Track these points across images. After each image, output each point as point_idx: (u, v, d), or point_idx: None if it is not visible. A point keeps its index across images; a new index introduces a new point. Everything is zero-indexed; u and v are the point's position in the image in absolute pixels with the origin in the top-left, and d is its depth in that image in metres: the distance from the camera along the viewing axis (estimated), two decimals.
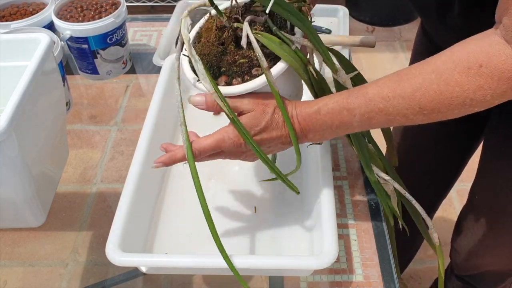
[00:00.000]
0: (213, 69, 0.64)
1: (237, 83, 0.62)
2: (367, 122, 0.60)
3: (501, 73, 0.51)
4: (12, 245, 0.81)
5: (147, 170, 0.78)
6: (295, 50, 0.62)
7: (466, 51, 0.54)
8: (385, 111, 0.58)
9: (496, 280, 1.07)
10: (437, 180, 1.13)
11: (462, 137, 1.02)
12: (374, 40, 1.13)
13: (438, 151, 1.06)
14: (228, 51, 0.63)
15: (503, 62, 0.51)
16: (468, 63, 0.53)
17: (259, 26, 0.63)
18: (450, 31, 0.77)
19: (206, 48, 0.65)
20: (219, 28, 0.64)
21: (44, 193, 0.78)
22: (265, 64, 0.60)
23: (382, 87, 0.58)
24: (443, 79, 0.54)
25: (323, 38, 1.12)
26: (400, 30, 2.64)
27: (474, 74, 0.52)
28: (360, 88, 0.60)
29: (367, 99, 0.58)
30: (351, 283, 0.73)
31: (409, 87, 0.56)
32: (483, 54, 0.52)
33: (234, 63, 0.63)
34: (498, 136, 0.85)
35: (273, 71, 0.61)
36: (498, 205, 0.88)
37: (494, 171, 0.87)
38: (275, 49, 0.61)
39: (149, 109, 0.86)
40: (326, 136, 0.63)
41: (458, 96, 0.54)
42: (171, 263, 0.67)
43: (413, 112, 0.57)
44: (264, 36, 0.61)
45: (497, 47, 0.52)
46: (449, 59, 0.55)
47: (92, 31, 1.04)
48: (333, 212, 0.70)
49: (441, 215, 1.69)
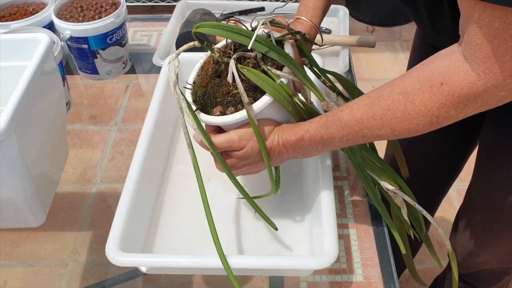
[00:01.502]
0: (210, 100, 0.68)
1: (230, 113, 0.66)
2: (346, 143, 0.64)
3: (460, 90, 0.53)
4: (12, 245, 0.81)
5: (147, 170, 0.78)
6: (280, 84, 0.65)
7: (429, 70, 0.56)
8: (360, 133, 0.62)
9: (494, 279, 1.07)
10: (437, 179, 1.13)
11: (460, 136, 1.02)
12: (374, 40, 1.13)
13: (437, 150, 1.06)
14: (224, 83, 0.67)
15: (462, 78, 0.53)
16: (431, 82, 0.55)
17: (252, 60, 0.66)
18: (443, 35, 0.77)
19: (204, 80, 0.70)
20: (216, 62, 0.69)
21: (44, 193, 0.78)
22: (246, 100, 0.64)
23: (355, 111, 0.61)
24: (410, 99, 0.56)
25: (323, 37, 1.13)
26: (400, 30, 2.64)
27: (436, 92, 0.54)
28: (336, 112, 0.64)
29: (343, 124, 0.62)
30: (351, 283, 0.73)
31: (379, 109, 0.59)
32: (444, 72, 0.54)
33: (228, 93, 0.67)
34: (493, 134, 0.85)
35: (258, 104, 0.65)
36: (493, 203, 0.88)
37: (489, 169, 0.87)
38: (259, 83, 0.65)
39: (149, 109, 0.86)
40: (313, 154, 0.69)
41: (424, 115, 0.56)
42: (171, 263, 0.67)
43: (386, 133, 0.60)
44: (249, 71, 0.65)
45: (456, 64, 0.53)
46: (415, 80, 0.57)
47: (92, 31, 1.04)
48: (333, 212, 0.70)
49: (441, 215, 1.69)
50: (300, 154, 0.68)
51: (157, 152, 0.84)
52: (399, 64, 2.41)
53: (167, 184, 0.86)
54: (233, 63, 0.64)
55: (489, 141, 0.87)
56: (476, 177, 0.93)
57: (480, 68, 0.51)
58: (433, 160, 1.08)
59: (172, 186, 0.86)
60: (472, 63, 0.52)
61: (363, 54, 2.44)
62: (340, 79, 0.80)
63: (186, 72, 0.77)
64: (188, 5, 1.30)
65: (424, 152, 1.06)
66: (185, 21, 1.14)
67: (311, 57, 0.76)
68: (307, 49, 0.75)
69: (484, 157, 0.89)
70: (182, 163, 0.90)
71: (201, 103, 0.69)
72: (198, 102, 0.69)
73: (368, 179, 0.72)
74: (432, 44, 0.84)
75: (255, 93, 0.66)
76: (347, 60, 1.11)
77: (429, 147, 1.05)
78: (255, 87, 0.66)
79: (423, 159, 1.08)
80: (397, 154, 0.86)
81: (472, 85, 0.52)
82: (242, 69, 0.64)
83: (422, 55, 0.60)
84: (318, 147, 0.66)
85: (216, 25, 0.63)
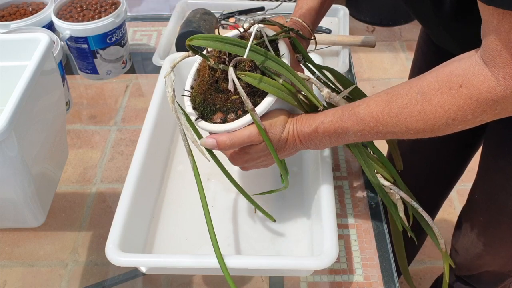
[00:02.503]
0: (210, 107, 0.68)
1: (232, 119, 0.66)
2: (361, 138, 0.64)
3: (479, 94, 0.52)
4: (12, 245, 0.81)
5: (147, 170, 0.78)
6: (283, 83, 0.65)
7: (449, 72, 0.55)
8: (375, 130, 0.61)
9: (496, 281, 1.07)
10: (439, 180, 1.13)
11: (463, 137, 1.02)
12: (374, 40, 1.13)
13: (439, 151, 1.05)
14: (222, 89, 0.67)
15: (481, 82, 0.52)
16: (450, 83, 0.54)
17: (248, 63, 0.66)
18: (447, 35, 0.77)
19: (202, 87, 0.69)
20: (211, 68, 0.68)
21: (43, 193, 0.78)
22: (250, 106, 0.64)
23: (372, 107, 0.61)
24: (427, 99, 0.56)
25: (323, 37, 1.13)
26: (400, 30, 2.63)
27: (454, 94, 0.54)
28: (352, 106, 0.63)
29: (358, 118, 0.62)
30: (351, 283, 0.73)
31: (396, 107, 0.59)
32: (463, 74, 0.54)
33: (227, 100, 0.67)
34: (497, 135, 0.85)
35: (261, 107, 0.65)
36: (496, 204, 0.88)
37: (493, 170, 0.87)
38: (261, 86, 0.64)
39: (149, 109, 0.85)
40: (326, 146, 0.69)
41: (441, 117, 0.56)
42: (170, 263, 0.66)
43: (401, 131, 0.60)
44: (248, 75, 0.64)
45: (476, 68, 0.53)
46: (434, 80, 0.56)
47: (91, 31, 1.04)
48: (333, 212, 0.70)
49: (441, 215, 1.69)
50: (313, 145, 0.68)
51: (157, 152, 0.84)
52: (399, 64, 2.41)
53: (167, 184, 0.86)
54: (232, 71, 0.64)
55: (493, 143, 0.87)
56: (479, 179, 0.92)
57: (500, 74, 0.51)
58: (435, 162, 1.08)
59: (172, 186, 0.86)
60: (492, 68, 0.51)
61: (363, 54, 2.44)
62: (334, 73, 0.79)
63: (185, 72, 0.77)
64: (188, 5, 1.30)
65: (426, 154, 1.06)
66: (185, 20, 1.14)
67: (305, 53, 0.75)
68: (301, 45, 0.74)
69: (488, 159, 0.89)
70: (182, 163, 0.89)
71: (201, 110, 0.69)
72: (198, 109, 0.69)
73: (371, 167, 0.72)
74: (435, 44, 0.84)
75: (254, 98, 0.66)
76: (347, 60, 1.11)
77: (431, 149, 1.05)
78: (255, 91, 0.66)
79: (425, 161, 1.08)
80: (392, 147, 0.86)
81: (491, 90, 0.52)
82: (240, 75, 0.64)
83: (425, 55, 0.60)
84: (331, 139, 0.66)
85: (209, 37, 0.63)
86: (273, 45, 0.69)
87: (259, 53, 0.64)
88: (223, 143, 0.66)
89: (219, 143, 0.66)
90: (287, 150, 0.69)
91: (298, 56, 0.75)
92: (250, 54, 0.63)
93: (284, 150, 0.69)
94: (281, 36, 0.71)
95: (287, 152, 0.70)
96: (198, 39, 0.62)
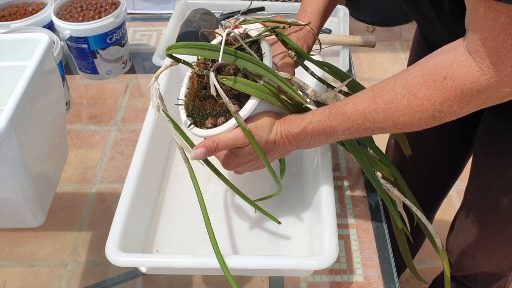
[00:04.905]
0: (201, 112, 0.70)
1: (221, 122, 0.67)
2: (349, 135, 0.64)
3: (464, 85, 0.53)
4: (12, 245, 0.81)
5: (147, 170, 0.78)
6: (264, 84, 0.66)
7: (433, 64, 0.55)
8: (363, 126, 0.62)
9: (490, 281, 1.07)
10: (437, 179, 1.13)
11: (460, 138, 1.02)
12: (374, 40, 1.13)
13: (438, 150, 1.05)
14: (210, 94, 0.67)
15: (465, 73, 0.52)
16: (434, 76, 0.55)
17: (232, 66, 0.66)
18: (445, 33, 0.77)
19: (192, 94, 0.70)
20: (199, 75, 0.70)
21: (43, 193, 0.78)
22: (233, 109, 0.65)
23: (358, 104, 0.61)
24: (413, 93, 0.56)
25: (323, 37, 1.13)
26: (400, 30, 2.63)
27: (439, 87, 0.54)
28: (340, 105, 0.64)
29: (346, 116, 0.62)
30: (351, 283, 0.73)
31: (382, 103, 0.59)
32: (448, 66, 0.54)
33: (216, 104, 0.68)
34: (489, 134, 0.85)
35: (245, 110, 0.66)
36: (489, 204, 0.88)
37: (485, 170, 0.87)
38: (241, 88, 0.65)
39: (149, 109, 0.85)
40: (316, 145, 0.69)
41: (427, 110, 0.56)
42: (170, 263, 0.66)
43: (389, 126, 0.60)
44: (229, 79, 0.65)
45: (460, 59, 0.53)
46: (418, 73, 0.56)
47: (91, 31, 1.04)
48: (333, 212, 0.70)
49: (441, 215, 1.69)
50: (303, 145, 0.69)
51: (157, 152, 0.84)
52: (399, 64, 2.41)
53: (167, 184, 0.86)
54: (212, 76, 0.65)
55: (483, 142, 0.86)
56: (471, 179, 0.92)
57: (484, 63, 0.51)
58: (434, 161, 1.08)
59: (172, 186, 0.86)
60: (476, 58, 0.51)
61: (363, 54, 2.44)
62: (330, 68, 0.79)
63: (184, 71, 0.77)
64: (188, 5, 1.30)
65: (424, 153, 1.06)
66: (185, 20, 1.14)
67: (297, 47, 0.74)
68: (291, 40, 0.73)
69: (479, 159, 0.89)
70: (182, 163, 0.89)
71: (194, 117, 0.70)
72: (192, 116, 0.70)
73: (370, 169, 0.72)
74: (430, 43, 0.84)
75: (240, 101, 0.66)
76: (347, 60, 1.11)
77: (429, 149, 1.05)
78: (240, 94, 0.66)
79: (423, 160, 1.08)
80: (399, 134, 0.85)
81: (476, 80, 0.52)
82: (222, 80, 0.65)
83: (420, 55, 0.60)
84: (321, 138, 0.66)
85: (186, 44, 0.64)
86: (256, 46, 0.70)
87: (232, 55, 0.65)
88: (209, 147, 0.66)
89: (207, 148, 0.66)
90: (277, 152, 0.70)
91: (290, 53, 0.74)
92: (225, 57, 0.64)
93: (274, 152, 0.69)
94: (263, 35, 0.70)
95: (278, 154, 0.70)
96: (176, 47, 0.64)
